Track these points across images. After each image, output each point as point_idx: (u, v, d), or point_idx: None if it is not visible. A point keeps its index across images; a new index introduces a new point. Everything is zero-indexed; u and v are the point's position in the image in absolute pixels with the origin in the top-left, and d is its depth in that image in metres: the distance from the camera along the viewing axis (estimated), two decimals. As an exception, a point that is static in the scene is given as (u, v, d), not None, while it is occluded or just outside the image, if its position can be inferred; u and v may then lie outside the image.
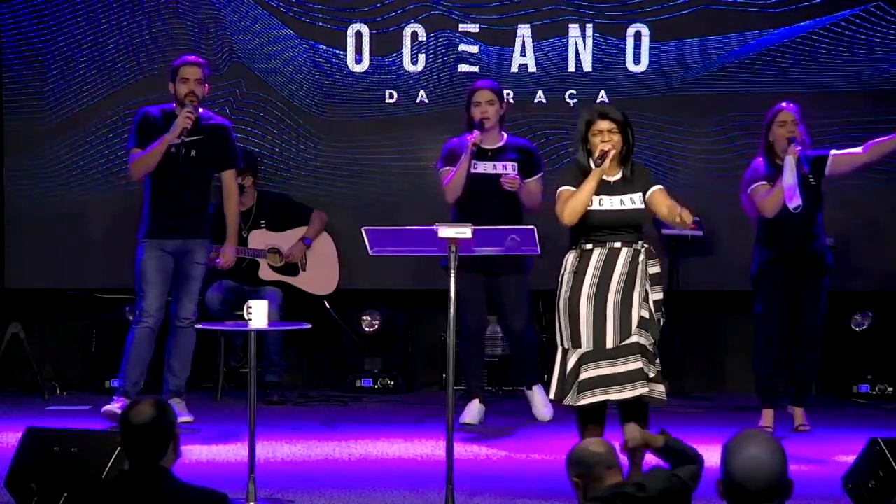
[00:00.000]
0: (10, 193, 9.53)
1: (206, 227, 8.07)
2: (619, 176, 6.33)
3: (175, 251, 7.95)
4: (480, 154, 8.12)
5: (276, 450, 7.30)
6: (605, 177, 6.29)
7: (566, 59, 9.54)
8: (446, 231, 6.07)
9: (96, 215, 9.46)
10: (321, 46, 9.53)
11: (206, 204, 8.08)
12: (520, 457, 7.30)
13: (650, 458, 4.74)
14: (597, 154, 6.26)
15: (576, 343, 6.17)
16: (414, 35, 9.53)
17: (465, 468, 6.64)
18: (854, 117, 9.33)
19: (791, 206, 7.59)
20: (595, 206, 6.24)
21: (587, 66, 9.54)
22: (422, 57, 9.54)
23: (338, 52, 9.53)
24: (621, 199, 6.27)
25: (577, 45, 9.53)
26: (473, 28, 9.53)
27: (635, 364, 6.11)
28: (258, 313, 6.23)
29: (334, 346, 9.68)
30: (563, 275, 6.26)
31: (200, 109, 7.99)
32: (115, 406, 7.74)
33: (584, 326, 6.17)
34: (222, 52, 9.50)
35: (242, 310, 6.37)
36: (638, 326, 6.14)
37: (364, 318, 9.55)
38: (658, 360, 6.23)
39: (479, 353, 8.40)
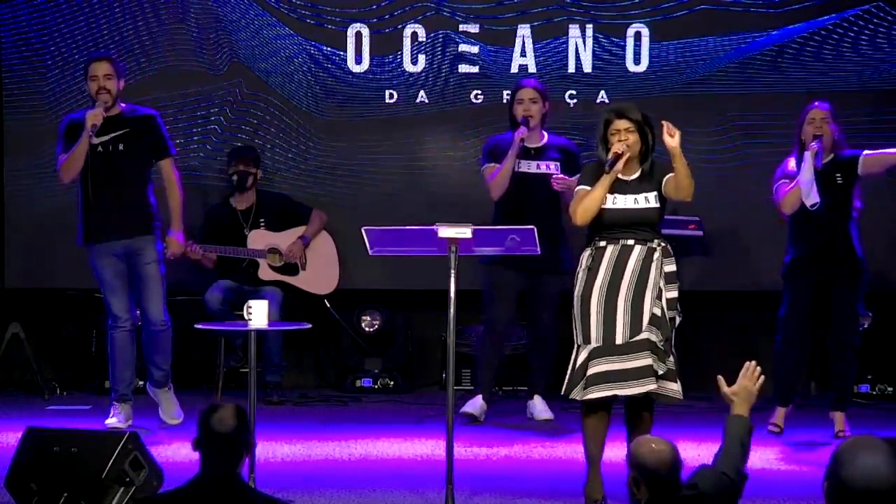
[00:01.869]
0: (10, 193, 9.53)
1: (149, 223, 7.86)
2: (636, 175, 6.29)
3: (124, 252, 7.80)
4: (523, 152, 8.13)
5: (276, 450, 7.30)
6: (621, 175, 6.24)
7: (566, 59, 9.54)
8: (446, 231, 6.07)
9: (96, 215, 9.45)
10: (321, 46, 9.53)
11: (145, 198, 7.86)
12: (520, 457, 7.30)
13: (692, 457, 4.73)
14: (609, 156, 6.24)
15: (586, 339, 6.15)
16: (414, 35, 9.53)
17: (465, 468, 6.64)
18: (854, 117, 9.32)
19: (808, 203, 7.58)
20: (609, 205, 6.21)
21: (587, 67, 9.54)
22: (422, 57, 9.54)
23: (338, 52, 9.53)
24: (635, 199, 6.25)
25: (577, 45, 9.53)
26: (473, 28, 9.54)
27: (645, 360, 6.07)
28: (258, 313, 6.23)
29: (334, 346, 9.68)
30: (578, 272, 6.26)
31: (123, 105, 7.88)
32: (114, 420, 7.76)
33: (594, 322, 6.14)
34: (222, 52, 9.51)
35: (242, 310, 6.37)
36: (649, 323, 6.11)
37: (364, 318, 9.55)
38: (672, 358, 6.17)
39: (496, 348, 8.39)
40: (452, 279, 6.08)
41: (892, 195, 9.36)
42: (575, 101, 9.49)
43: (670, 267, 6.21)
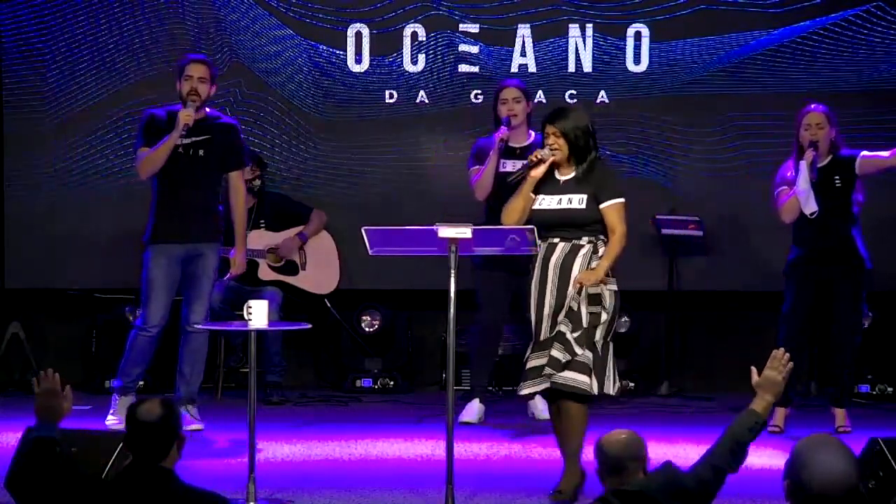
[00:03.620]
0: (10, 193, 9.53)
1: (216, 229, 7.88)
2: (570, 176, 6.38)
3: (184, 256, 7.79)
4: (508, 152, 8.13)
5: (276, 450, 7.29)
6: (557, 175, 6.38)
7: (566, 59, 9.54)
8: (446, 231, 6.07)
9: (96, 215, 9.45)
10: (321, 46, 9.53)
11: (215, 205, 7.91)
12: (520, 457, 7.30)
13: (658, 455, 4.73)
14: (528, 161, 6.39)
15: (530, 335, 6.39)
16: (414, 35, 9.53)
17: (465, 468, 6.64)
18: (854, 117, 9.33)
19: (807, 212, 7.63)
20: (536, 206, 6.37)
21: (587, 66, 9.54)
22: (422, 57, 9.54)
23: (338, 52, 9.53)
24: (560, 199, 6.35)
25: (577, 45, 9.53)
26: (473, 28, 9.54)
27: (554, 353, 6.21)
28: (258, 313, 6.23)
29: (334, 346, 9.68)
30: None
31: (208, 109, 7.92)
32: (114, 420, 7.75)
33: (533, 319, 6.35)
34: (222, 52, 9.51)
35: (242, 310, 6.37)
36: (565, 316, 6.23)
37: (364, 318, 9.55)
38: (590, 353, 6.22)
39: (490, 351, 8.41)
40: (452, 279, 6.08)
41: (892, 194, 9.35)
42: (575, 101, 9.49)
43: (597, 263, 6.25)
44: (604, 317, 6.27)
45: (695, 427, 7.84)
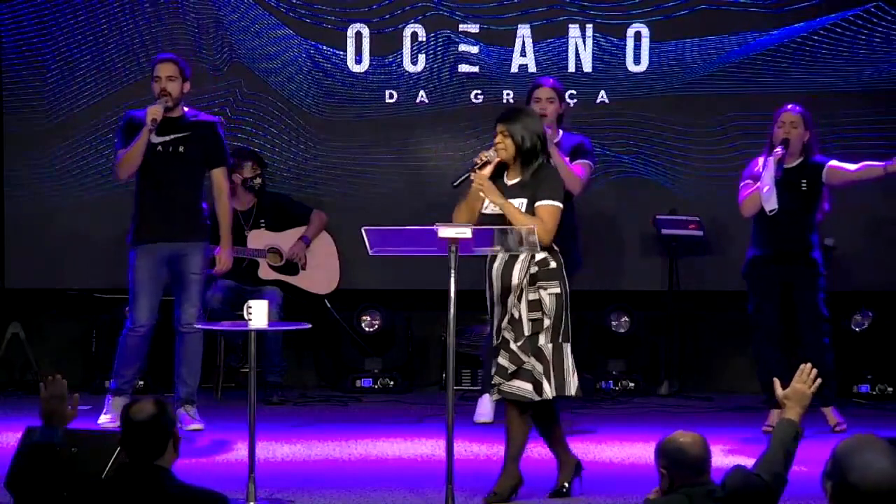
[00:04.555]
0: (10, 193, 9.53)
1: (200, 228, 7.89)
2: (516, 181, 6.36)
3: (169, 255, 7.80)
4: None
5: (276, 450, 7.30)
6: (505, 179, 6.35)
7: (566, 59, 9.54)
8: (446, 231, 6.07)
9: (96, 215, 9.45)
10: (321, 46, 9.53)
11: (198, 203, 7.91)
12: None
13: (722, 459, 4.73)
14: (476, 160, 6.39)
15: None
16: (414, 35, 9.53)
17: (465, 468, 6.64)
18: (854, 117, 9.33)
19: (766, 209, 7.63)
20: (483, 210, 6.37)
21: (587, 66, 9.54)
22: (422, 57, 9.54)
23: (338, 52, 9.53)
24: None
25: (577, 45, 9.53)
26: (473, 28, 9.54)
27: (500, 361, 6.22)
28: (258, 313, 6.23)
29: (334, 346, 9.68)
30: None
31: (186, 108, 7.91)
32: (107, 418, 7.75)
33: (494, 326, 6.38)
34: (222, 52, 9.51)
35: (242, 310, 6.37)
36: (507, 323, 6.24)
37: (364, 318, 9.55)
38: (533, 359, 6.21)
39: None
40: (452, 279, 6.08)
41: (891, 194, 9.35)
42: (575, 101, 9.49)
43: (535, 269, 6.23)
44: (546, 322, 6.24)
45: (695, 427, 7.81)
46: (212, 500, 4.29)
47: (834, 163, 7.83)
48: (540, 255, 6.22)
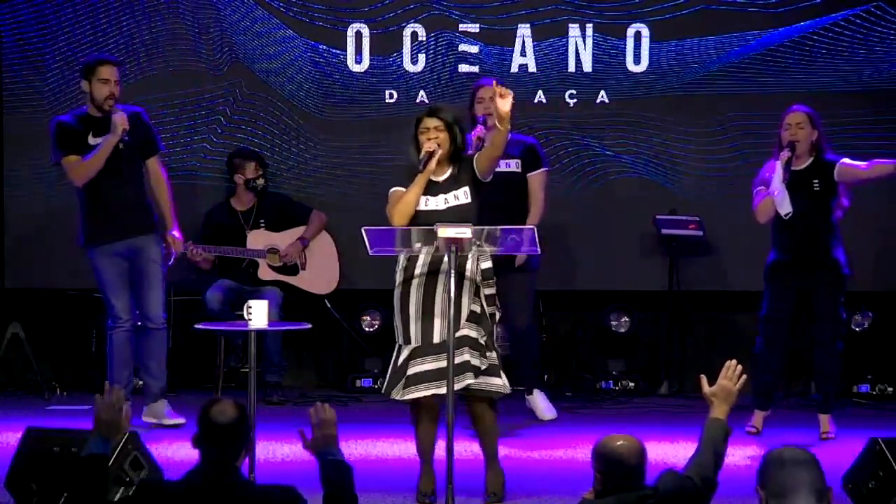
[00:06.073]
0: (10, 193, 9.53)
1: (150, 221, 7.96)
2: (447, 175, 6.39)
3: (125, 252, 7.87)
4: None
5: (276, 450, 7.30)
6: (432, 176, 6.37)
7: (566, 59, 9.54)
8: (446, 231, 6.07)
9: (96, 215, 9.45)
10: (321, 46, 9.53)
11: (144, 197, 7.96)
12: (520, 457, 7.30)
13: (658, 458, 4.72)
14: (421, 154, 6.36)
15: (406, 339, 6.31)
16: (414, 35, 9.53)
17: (465, 468, 6.64)
18: (854, 117, 9.33)
19: (781, 213, 7.58)
20: (422, 207, 6.34)
21: (587, 66, 9.54)
22: (422, 57, 9.54)
23: (338, 52, 9.53)
24: (445, 198, 6.36)
25: (577, 45, 9.53)
26: (473, 28, 9.53)
27: (462, 357, 6.15)
28: (258, 313, 6.23)
29: (334, 346, 9.68)
30: (396, 272, 6.34)
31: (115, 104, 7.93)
32: None
33: (413, 322, 6.28)
34: (222, 52, 9.51)
35: (242, 310, 6.37)
36: (467, 320, 6.20)
37: (364, 318, 9.55)
38: (495, 354, 6.26)
39: (524, 348, 8.42)
40: (452, 279, 6.08)
41: (891, 194, 9.35)
42: (575, 101, 9.49)
43: (487, 264, 6.27)
44: (498, 316, 6.34)
45: (695, 427, 7.79)
46: (288, 496, 4.26)
47: (846, 160, 7.72)
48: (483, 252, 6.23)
